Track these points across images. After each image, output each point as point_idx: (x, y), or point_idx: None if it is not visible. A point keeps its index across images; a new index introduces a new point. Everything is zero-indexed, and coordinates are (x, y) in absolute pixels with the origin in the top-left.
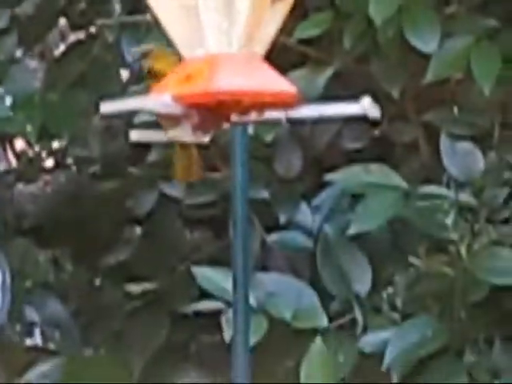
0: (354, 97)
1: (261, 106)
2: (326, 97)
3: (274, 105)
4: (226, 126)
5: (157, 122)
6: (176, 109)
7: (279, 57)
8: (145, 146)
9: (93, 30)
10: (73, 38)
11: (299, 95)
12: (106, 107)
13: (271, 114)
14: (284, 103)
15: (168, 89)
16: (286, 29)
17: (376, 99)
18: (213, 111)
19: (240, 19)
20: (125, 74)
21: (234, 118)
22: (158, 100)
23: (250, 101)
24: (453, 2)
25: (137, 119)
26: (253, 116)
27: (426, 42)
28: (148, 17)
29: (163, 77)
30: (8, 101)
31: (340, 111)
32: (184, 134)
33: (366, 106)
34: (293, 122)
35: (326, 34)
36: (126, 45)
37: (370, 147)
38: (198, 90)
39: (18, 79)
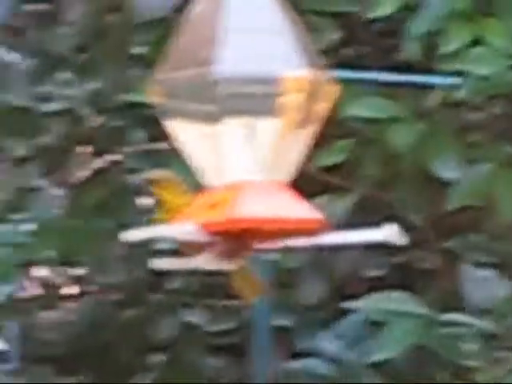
0: (376, 224)
1: (286, 233)
2: (348, 224)
3: (298, 232)
4: (250, 253)
5: (179, 249)
6: (200, 237)
7: (300, 184)
8: (166, 274)
9: (115, 157)
10: (94, 164)
11: (324, 222)
12: (131, 235)
13: (296, 241)
14: (308, 230)
15: (192, 217)
16: (308, 156)
17: (397, 226)
18: (237, 239)
19: (264, 147)
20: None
21: (259, 245)
22: (183, 228)
23: (274, 228)
24: (474, 129)
25: (158, 246)
26: (277, 243)
27: (449, 169)
28: (171, 144)
29: (172, 207)
30: (30, 227)
31: (364, 238)
32: (208, 261)
33: (390, 233)
34: (314, 250)
35: (347, 161)
36: (147, 172)
37: (391, 274)
38: (221, 218)
39: (39, 206)
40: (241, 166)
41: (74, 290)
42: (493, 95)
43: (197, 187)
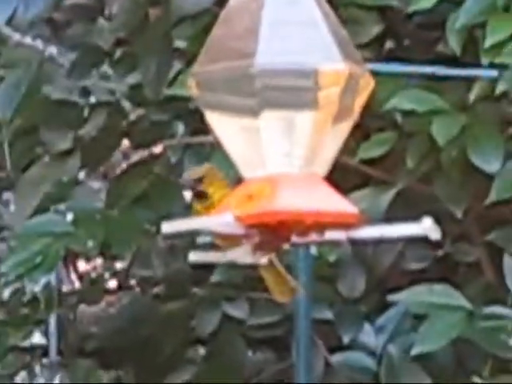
0: (417, 217)
1: (322, 226)
2: (390, 217)
3: (334, 225)
4: (286, 246)
5: (215, 242)
6: (237, 229)
7: (341, 177)
8: (208, 267)
9: (156, 150)
10: (136, 157)
11: (360, 216)
12: (168, 227)
13: (332, 235)
14: (345, 224)
15: (229, 209)
16: (349, 149)
17: (439, 219)
18: (273, 231)
19: (301, 140)
20: (187, 194)
21: (295, 238)
22: (220, 220)
23: (310, 221)
24: None
25: (200, 240)
26: (313, 236)
27: (489, 162)
28: (211, 137)
29: (215, 200)
30: (69, 217)
31: (400, 232)
32: (243, 255)
33: (426, 226)
34: (355, 243)
35: (389, 154)
36: (188, 165)
37: (434, 267)
38: (259, 210)
39: (81, 199)
40: (278, 159)
41: (115, 283)
42: None
43: (238, 181)
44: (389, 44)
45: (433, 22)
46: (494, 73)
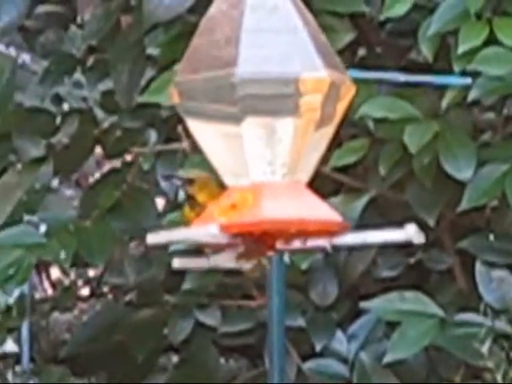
0: (390, 224)
1: (306, 234)
2: (362, 224)
3: (318, 233)
4: (269, 254)
5: (194, 249)
6: (222, 238)
7: (314, 185)
8: (180, 274)
9: (128, 158)
10: (108, 166)
11: (344, 223)
12: (153, 238)
13: (315, 242)
14: (329, 231)
15: (213, 218)
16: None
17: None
18: (257, 240)
19: (283, 148)
20: (160, 202)
21: (279, 246)
22: (205, 230)
23: (295, 229)
24: (487, 129)
25: (172, 247)
26: (297, 244)
27: (462, 169)
28: (184, 145)
29: (203, 206)
30: (43, 228)
31: (384, 238)
32: (226, 260)
33: (410, 232)
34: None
35: (361, 161)
36: (161, 173)
37: (406, 275)
38: (243, 220)
39: (53, 207)
40: (261, 167)
41: (88, 290)
42: (505, 95)
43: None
44: (361, 51)
45: (405, 30)
46: (466, 80)
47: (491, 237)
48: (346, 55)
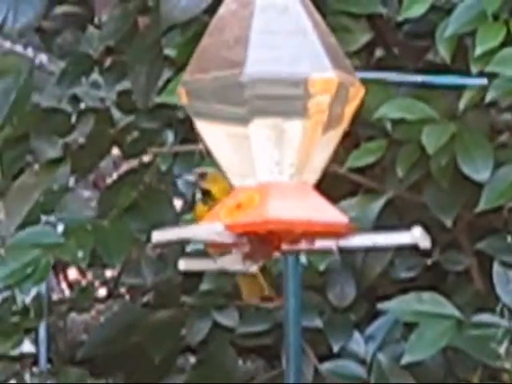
0: (407, 226)
1: (312, 235)
2: (379, 226)
3: (324, 234)
4: (276, 255)
5: (205, 249)
6: (227, 237)
7: (331, 185)
8: (197, 275)
9: (145, 158)
10: (125, 166)
11: (350, 225)
12: (158, 236)
13: (322, 243)
14: (335, 233)
15: (219, 217)
16: (338, 158)
17: (428, 228)
18: (263, 240)
19: (291, 149)
20: (178, 202)
21: (285, 247)
22: (210, 229)
23: (300, 230)
24: (505, 130)
25: (189, 248)
26: (303, 245)
27: (479, 170)
28: (201, 145)
29: (215, 201)
30: (60, 228)
31: (390, 241)
32: (233, 262)
33: (416, 235)
34: (345, 251)
35: (379, 162)
36: (178, 173)
37: (423, 276)
38: (249, 219)
39: (71, 208)
40: (268, 168)
41: (105, 291)
42: None
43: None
44: (378, 52)
45: (422, 31)
46: (483, 81)
47: (509, 238)
48: (363, 56)
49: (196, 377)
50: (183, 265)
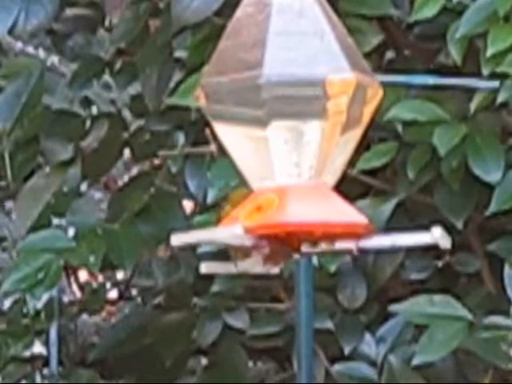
0: (418, 228)
1: (331, 236)
2: (390, 228)
3: (344, 235)
4: (296, 256)
5: (223, 251)
6: (247, 240)
7: (342, 187)
8: (208, 277)
9: (156, 161)
10: (137, 169)
11: (370, 225)
12: (177, 239)
13: (342, 244)
14: (355, 234)
15: (238, 220)
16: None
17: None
18: (283, 242)
19: (310, 150)
20: (188, 205)
21: (305, 248)
22: (229, 231)
23: (320, 231)
24: None
25: (200, 249)
26: (323, 246)
27: (490, 172)
28: (212, 148)
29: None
30: (71, 232)
31: (411, 241)
32: (254, 265)
33: (436, 235)
34: (358, 253)
35: (390, 164)
36: (189, 176)
37: (434, 278)
38: (268, 221)
39: (82, 211)
40: (287, 169)
41: (116, 293)
42: None
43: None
44: (389, 54)
45: (433, 33)
46: (494, 83)
47: None
48: (374, 58)
49: (207, 379)
50: (204, 268)
